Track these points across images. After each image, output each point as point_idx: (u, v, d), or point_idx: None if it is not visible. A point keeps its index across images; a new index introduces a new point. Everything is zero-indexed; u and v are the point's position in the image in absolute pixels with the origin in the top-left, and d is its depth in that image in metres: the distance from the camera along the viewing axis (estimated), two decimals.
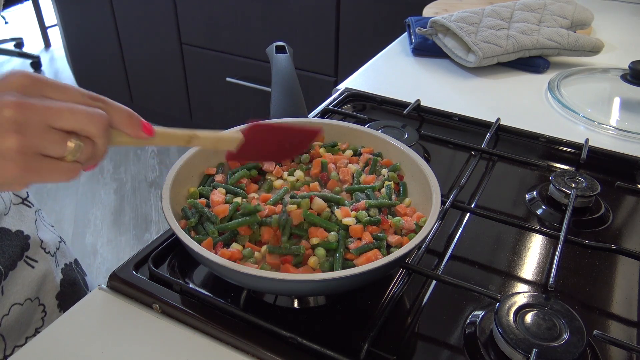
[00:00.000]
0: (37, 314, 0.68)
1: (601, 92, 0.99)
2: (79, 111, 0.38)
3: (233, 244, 0.53)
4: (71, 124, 0.37)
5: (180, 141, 0.48)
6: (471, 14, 1.07)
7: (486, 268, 0.60)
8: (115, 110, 0.41)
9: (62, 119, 0.37)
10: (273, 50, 0.80)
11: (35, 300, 0.67)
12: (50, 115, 0.37)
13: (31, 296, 0.66)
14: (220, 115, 2.37)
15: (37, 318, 0.67)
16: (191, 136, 0.47)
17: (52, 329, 0.51)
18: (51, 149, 0.37)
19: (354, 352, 0.47)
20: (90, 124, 0.38)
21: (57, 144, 0.37)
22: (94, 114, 0.38)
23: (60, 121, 0.37)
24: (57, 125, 0.37)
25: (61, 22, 2.61)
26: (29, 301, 0.66)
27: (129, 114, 0.41)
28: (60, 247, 0.75)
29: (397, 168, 0.63)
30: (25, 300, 0.65)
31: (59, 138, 0.37)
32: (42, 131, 0.37)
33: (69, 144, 0.38)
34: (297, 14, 1.92)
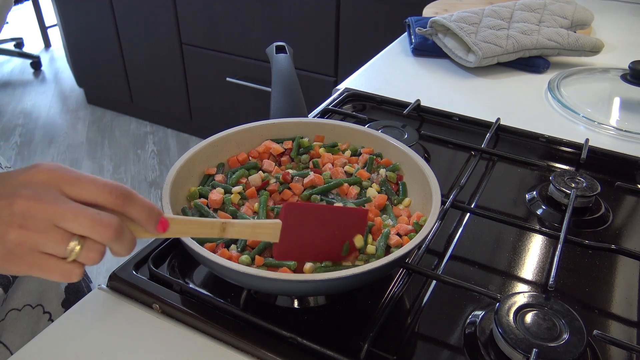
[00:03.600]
0: (43, 323, 0.67)
1: (601, 92, 0.98)
2: (83, 215, 0.38)
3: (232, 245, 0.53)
4: (74, 226, 0.38)
5: (214, 230, 0.45)
6: (471, 14, 1.07)
7: (486, 268, 0.60)
8: (136, 205, 0.40)
9: (66, 221, 0.37)
10: (273, 50, 0.80)
11: (38, 307, 0.67)
12: (55, 215, 0.37)
13: (32, 302, 0.66)
14: (220, 115, 2.37)
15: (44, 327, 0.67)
16: (224, 224, 0.44)
17: (52, 329, 0.51)
18: (50, 247, 0.38)
19: (354, 352, 0.47)
20: (94, 229, 0.38)
21: (57, 244, 0.38)
22: (99, 220, 0.38)
23: (64, 222, 0.37)
24: (61, 226, 0.38)
25: (61, 22, 2.61)
26: (28, 307, 0.66)
27: (149, 211, 0.40)
28: None
29: (396, 168, 0.63)
30: (24, 306, 0.65)
31: (60, 238, 0.38)
32: (45, 229, 0.37)
33: (70, 245, 0.38)
34: (297, 14, 1.92)
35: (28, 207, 0.37)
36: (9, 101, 3.00)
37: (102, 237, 0.38)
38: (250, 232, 0.46)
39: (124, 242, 0.40)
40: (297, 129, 0.68)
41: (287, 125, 0.67)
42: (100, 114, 2.84)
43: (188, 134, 2.65)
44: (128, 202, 0.39)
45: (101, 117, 2.82)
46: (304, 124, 0.68)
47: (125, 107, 2.79)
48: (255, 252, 0.52)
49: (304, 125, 0.68)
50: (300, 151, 0.66)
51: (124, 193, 0.39)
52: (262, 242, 0.52)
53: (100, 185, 0.39)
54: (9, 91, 3.11)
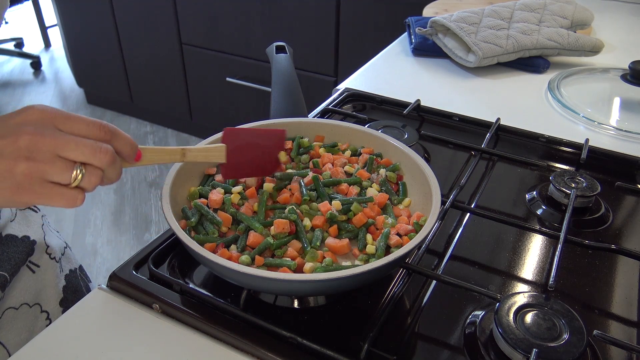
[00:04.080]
0: (40, 322, 0.67)
1: (601, 92, 0.98)
2: (84, 144, 0.42)
3: (232, 245, 0.54)
4: (77, 155, 0.42)
5: (175, 155, 0.53)
6: (471, 14, 1.07)
7: (486, 268, 0.60)
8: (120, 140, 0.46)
9: (69, 150, 0.42)
10: (273, 50, 0.80)
11: (35, 306, 0.67)
12: (59, 146, 0.42)
13: (29, 301, 0.66)
14: (220, 115, 2.37)
15: (41, 326, 0.67)
16: (183, 150, 0.53)
17: (52, 329, 0.51)
18: (57, 176, 0.42)
19: (354, 352, 0.47)
20: (93, 156, 0.43)
21: (63, 172, 0.42)
22: (97, 148, 0.43)
23: (67, 152, 0.42)
24: (64, 155, 0.42)
25: (61, 22, 2.61)
26: (25, 306, 0.66)
27: (130, 144, 0.47)
28: (65, 252, 0.75)
29: (396, 168, 0.63)
30: (22, 305, 0.65)
31: (65, 166, 0.42)
32: (50, 159, 0.42)
33: (74, 173, 0.42)
34: (297, 14, 1.92)
35: (33, 141, 0.41)
36: (9, 101, 3.00)
37: (102, 162, 0.43)
38: (204, 155, 0.55)
39: (116, 167, 0.45)
40: (297, 129, 0.68)
41: (287, 125, 0.67)
42: (100, 114, 2.84)
43: (188, 134, 2.65)
44: (115, 136, 0.45)
45: (101, 117, 2.82)
46: (304, 124, 0.68)
47: (125, 107, 2.79)
48: (255, 252, 0.52)
49: (304, 125, 0.68)
50: (300, 151, 0.66)
51: (110, 129, 0.45)
52: (262, 243, 0.52)
53: (89, 122, 0.44)
54: (9, 91, 3.11)
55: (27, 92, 3.10)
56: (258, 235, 0.53)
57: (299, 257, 0.52)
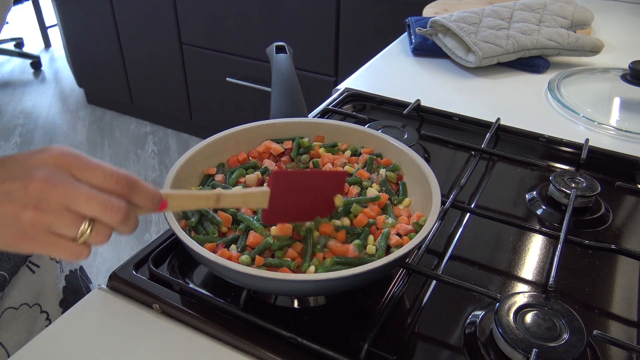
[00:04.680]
0: (40, 322, 0.67)
1: (601, 92, 0.98)
2: (96, 200, 0.40)
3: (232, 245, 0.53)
4: (87, 210, 0.40)
5: (209, 201, 0.48)
6: (471, 14, 1.07)
7: (486, 268, 0.60)
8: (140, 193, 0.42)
9: (79, 204, 0.39)
10: (273, 50, 0.80)
11: (35, 306, 0.67)
12: (69, 198, 0.39)
13: (29, 301, 0.66)
14: (220, 115, 2.37)
15: (41, 326, 0.67)
16: (218, 195, 0.47)
17: (52, 329, 0.51)
18: (63, 229, 0.40)
19: (354, 352, 0.47)
20: (103, 213, 0.40)
21: (70, 226, 0.40)
22: (110, 205, 0.40)
23: (77, 205, 0.39)
24: (73, 209, 0.39)
25: (61, 22, 2.61)
26: (25, 306, 0.65)
27: (152, 197, 0.43)
28: None
29: (396, 168, 0.63)
30: (21, 305, 0.65)
31: (73, 220, 0.40)
32: (59, 211, 0.39)
33: (81, 228, 0.40)
34: (297, 14, 1.92)
35: (43, 189, 0.39)
36: (9, 101, 3.00)
37: (112, 220, 0.40)
38: (242, 200, 0.50)
39: (129, 224, 0.42)
40: (297, 129, 0.68)
41: (287, 125, 0.67)
42: (100, 114, 2.84)
43: (188, 134, 2.65)
44: (133, 190, 0.42)
45: (101, 117, 2.82)
46: (304, 124, 0.68)
47: (125, 107, 2.79)
48: (255, 252, 0.52)
49: (304, 125, 0.68)
50: (300, 151, 0.66)
51: (129, 182, 0.41)
52: (262, 243, 0.52)
53: (108, 175, 0.41)
54: (9, 91, 3.11)
55: (27, 92, 3.10)
56: (258, 236, 0.53)
57: (298, 257, 0.52)
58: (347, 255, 0.53)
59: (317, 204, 0.54)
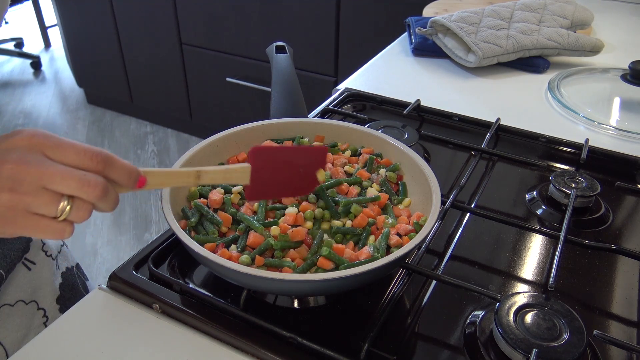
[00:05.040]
0: (37, 319, 0.67)
1: (601, 92, 0.98)
2: (71, 176, 0.39)
3: (232, 245, 0.54)
4: (63, 188, 0.39)
5: (189, 178, 0.47)
6: (471, 14, 1.07)
7: (486, 268, 0.60)
8: (116, 168, 0.42)
9: (55, 183, 0.39)
10: (273, 50, 0.80)
11: (32, 303, 0.67)
12: (44, 177, 0.39)
13: (25, 298, 0.66)
14: (220, 115, 2.37)
15: (38, 324, 0.67)
16: (198, 172, 0.47)
17: (52, 329, 0.51)
18: (42, 209, 0.39)
19: (354, 352, 0.47)
20: (81, 190, 0.40)
21: (48, 205, 0.39)
22: (86, 181, 0.40)
23: (52, 184, 0.39)
24: (50, 187, 0.39)
25: (61, 22, 2.61)
26: (21, 303, 0.65)
27: (128, 173, 0.42)
28: (62, 250, 0.75)
29: (396, 168, 0.63)
30: (17, 301, 0.65)
31: (50, 199, 0.39)
32: (35, 191, 0.39)
33: (60, 206, 0.40)
34: (297, 14, 1.92)
35: (17, 170, 0.38)
36: (9, 101, 3.00)
37: (90, 196, 0.40)
38: (223, 177, 0.49)
39: (109, 200, 0.41)
40: (297, 129, 0.68)
41: (287, 125, 0.67)
42: (100, 114, 2.84)
43: (188, 134, 2.65)
44: (109, 166, 0.41)
45: (101, 117, 2.82)
46: (304, 124, 0.68)
47: (125, 107, 2.79)
48: (255, 252, 0.52)
49: (304, 125, 0.68)
50: None
51: (104, 158, 0.41)
52: (262, 243, 0.52)
53: (81, 151, 0.40)
54: (9, 91, 3.11)
55: (27, 92, 3.10)
56: (258, 236, 0.53)
57: (298, 257, 0.52)
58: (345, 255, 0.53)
59: (300, 179, 0.53)
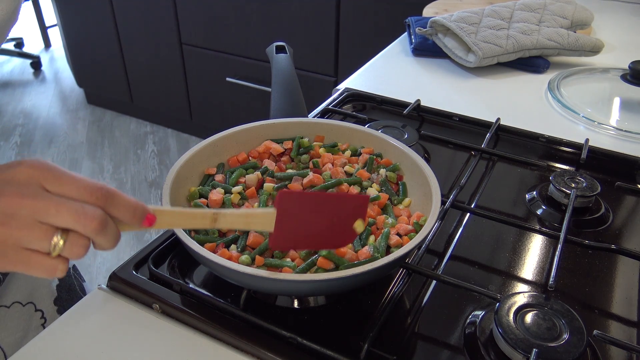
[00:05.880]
0: (35, 321, 0.67)
1: (601, 92, 0.98)
2: (66, 208, 0.37)
3: (232, 245, 0.54)
4: (57, 220, 0.37)
5: (205, 220, 0.43)
6: (471, 14, 1.07)
7: (486, 268, 0.60)
8: (118, 205, 0.40)
9: (49, 215, 0.37)
10: (273, 50, 0.80)
11: (29, 305, 0.67)
12: (38, 210, 0.37)
13: (21, 300, 0.66)
14: (220, 115, 2.37)
15: (37, 325, 0.67)
16: (215, 214, 0.43)
17: (52, 329, 0.51)
18: (33, 243, 0.38)
19: (354, 352, 0.47)
20: (76, 222, 0.37)
21: (40, 239, 0.37)
22: (82, 213, 0.37)
23: (46, 217, 0.37)
24: (44, 220, 0.37)
25: (61, 22, 2.61)
26: (18, 305, 0.65)
27: (133, 210, 0.40)
28: None
29: (396, 168, 0.63)
30: (13, 303, 0.65)
31: (44, 233, 0.37)
32: (28, 225, 0.37)
33: (53, 240, 0.38)
34: (297, 14, 1.92)
35: (10, 204, 0.37)
36: (9, 101, 3.00)
37: (86, 229, 0.38)
38: (243, 222, 0.44)
39: (108, 235, 0.39)
40: (297, 129, 0.68)
41: (287, 125, 0.67)
42: (100, 114, 2.84)
43: (188, 134, 2.65)
44: (110, 203, 0.39)
45: (101, 117, 2.82)
46: (304, 124, 0.68)
47: (125, 107, 2.79)
48: (255, 252, 0.52)
49: (304, 125, 0.68)
50: (300, 151, 0.66)
51: (104, 194, 0.39)
52: (262, 243, 0.52)
53: (81, 186, 0.38)
54: (9, 91, 3.11)
55: (27, 92, 3.10)
56: (258, 236, 0.53)
57: (298, 257, 0.52)
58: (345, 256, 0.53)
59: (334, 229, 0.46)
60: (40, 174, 0.38)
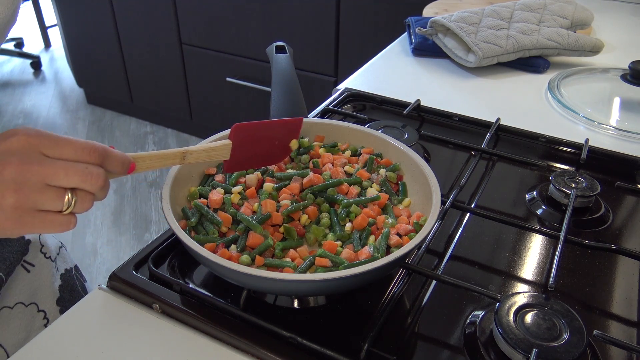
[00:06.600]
0: (38, 321, 0.67)
1: (601, 92, 0.98)
2: (74, 171, 0.41)
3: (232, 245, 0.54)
4: (67, 182, 0.41)
5: (175, 159, 0.51)
6: (471, 14, 1.07)
7: (486, 268, 0.60)
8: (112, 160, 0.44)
9: (58, 179, 0.41)
10: (273, 50, 0.80)
11: (31, 305, 0.67)
12: (47, 174, 0.40)
13: (24, 300, 0.66)
14: (220, 115, 2.37)
15: (39, 326, 0.67)
16: (184, 152, 0.50)
17: (52, 329, 0.51)
18: (48, 205, 0.41)
19: (354, 352, 0.47)
20: (84, 182, 0.42)
21: (54, 201, 0.41)
22: (88, 173, 0.42)
23: (56, 181, 0.41)
24: (54, 184, 0.41)
25: (61, 22, 2.61)
26: (21, 305, 0.65)
27: (122, 162, 0.45)
28: (60, 252, 0.75)
29: (396, 168, 0.63)
30: (16, 304, 0.65)
31: (56, 195, 0.41)
32: (40, 189, 0.40)
33: (66, 199, 0.41)
34: (297, 14, 1.92)
35: (19, 171, 0.40)
36: (9, 101, 3.00)
37: (93, 187, 0.42)
38: (206, 155, 0.52)
39: (106, 189, 0.44)
40: None
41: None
42: (100, 114, 2.84)
43: (188, 134, 2.65)
44: (105, 158, 0.43)
45: (101, 117, 2.82)
46: (304, 124, 0.68)
47: (125, 107, 2.79)
48: (255, 252, 0.52)
49: (304, 125, 0.68)
50: (300, 151, 0.66)
51: (101, 152, 0.43)
52: (262, 243, 0.52)
53: (78, 147, 0.42)
54: (9, 91, 3.11)
55: (27, 92, 3.10)
56: (258, 236, 0.53)
57: (298, 257, 0.52)
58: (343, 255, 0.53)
59: (275, 150, 0.57)
60: (38, 141, 0.41)
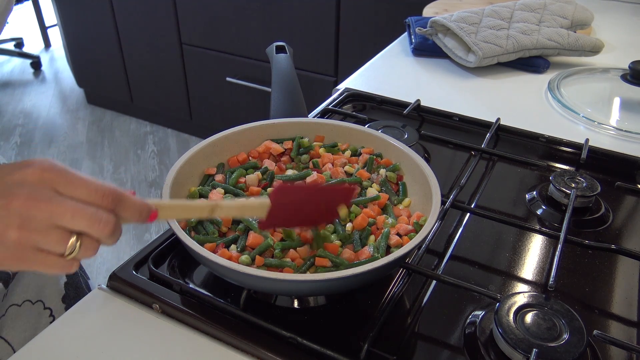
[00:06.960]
0: (44, 319, 0.67)
1: (601, 92, 0.98)
2: (82, 214, 0.39)
3: (232, 245, 0.54)
4: (74, 225, 0.39)
5: (202, 212, 0.47)
6: (471, 14, 1.07)
7: (486, 268, 0.60)
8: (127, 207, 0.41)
9: (66, 220, 0.38)
10: (273, 50, 0.80)
11: (38, 303, 0.67)
12: (54, 214, 0.38)
13: (31, 298, 0.66)
14: (220, 115, 2.37)
15: (45, 323, 0.67)
16: (213, 206, 0.46)
17: (52, 329, 0.51)
18: (50, 247, 0.39)
19: (354, 352, 0.47)
20: (91, 228, 0.39)
21: (57, 243, 0.39)
22: (97, 219, 0.39)
23: (63, 222, 0.38)
24: (60, 224, 0.38)
25: (61, 22, 2.61)
26: (28, 303, 0.66)
27: (139, 211, 0.42)
28: None
29: (396, 168, 0.63)
30: (24, 302, 0.65)
31: (60, 237, 0.39)
32: (44, 229, 0.38)
33: (69, 243, 0.39)
34: (297, 14, 1.92)
35: (26, 207, 0.38)
36: (9, 101, 3.00)
37: (100, 234, 0.39)
38: (239, 212, 0.48)
39: (116, 236, 0.41)
40: (297, 129, 0.68)
41: (287, 125, 0.67)
42: (100, 114, 2.84)
43: (188, 134, 2.65)
44: (119, 205, 0.41)
45: (101, 117, 2.82)
46: (304, 124, 0.68)
47: (125, 107, 2.79)
48: (255, 252, 0.52)
49: (304, 125, 0.68)
50: (300, 151, 0.66)
51: (115, 197, 0.40)
52: (262, 243, 0.52)
53: (92, 190, 0.40)
54: (9, 91, 3.11)
55: (27, 92, 3.10)
56: (258, 236, 0.53)
57: (298, 257, 0.52)
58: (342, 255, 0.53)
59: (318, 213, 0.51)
60: (52, 176, 0.39)
